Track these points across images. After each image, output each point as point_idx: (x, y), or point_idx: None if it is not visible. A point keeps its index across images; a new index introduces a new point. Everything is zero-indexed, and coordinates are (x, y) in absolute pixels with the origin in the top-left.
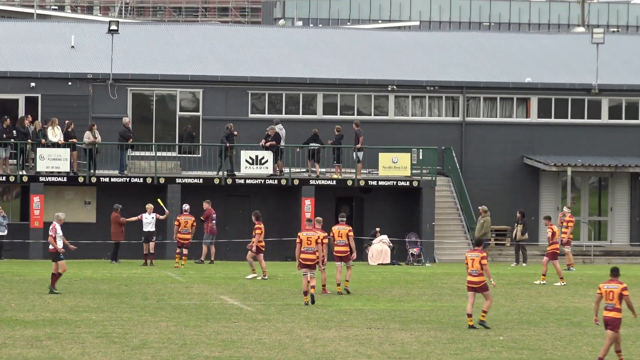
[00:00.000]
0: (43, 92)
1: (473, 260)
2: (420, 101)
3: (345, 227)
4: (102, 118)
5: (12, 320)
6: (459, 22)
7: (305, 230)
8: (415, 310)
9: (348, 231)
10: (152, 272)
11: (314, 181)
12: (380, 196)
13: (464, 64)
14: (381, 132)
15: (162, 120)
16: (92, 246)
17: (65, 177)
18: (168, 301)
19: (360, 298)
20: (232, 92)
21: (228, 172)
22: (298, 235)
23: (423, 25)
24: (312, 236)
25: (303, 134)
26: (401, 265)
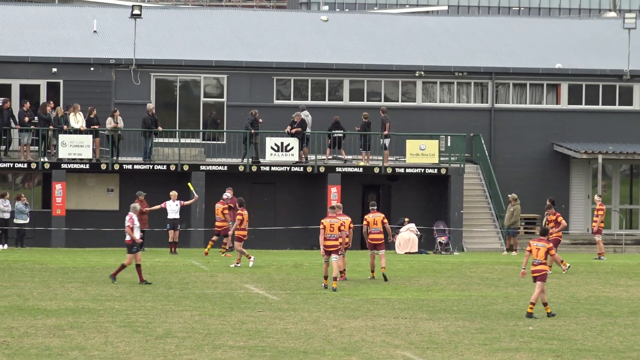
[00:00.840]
0: (65, 77)
1: (539, 249)
2: (449, 87)
3: (379, 214)
4: (125, 104)
5: (34, 309)
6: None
7: (329, 217)
8: (443, 299)
9: (382, 218)
10: (176, 261)
11: (340, 168)
12: (407, 184)
13: (493, 50)
14: (409, 118)
15: (186, 107)
16: (114, 234)
17: (87, 164)
18: (192, 290)
19: (387, 287)
20: (257, 78)
21: (253, 159)
22: (322, 222)
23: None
24: (335, 223)
25: (329, 120)
26: (429, 254)
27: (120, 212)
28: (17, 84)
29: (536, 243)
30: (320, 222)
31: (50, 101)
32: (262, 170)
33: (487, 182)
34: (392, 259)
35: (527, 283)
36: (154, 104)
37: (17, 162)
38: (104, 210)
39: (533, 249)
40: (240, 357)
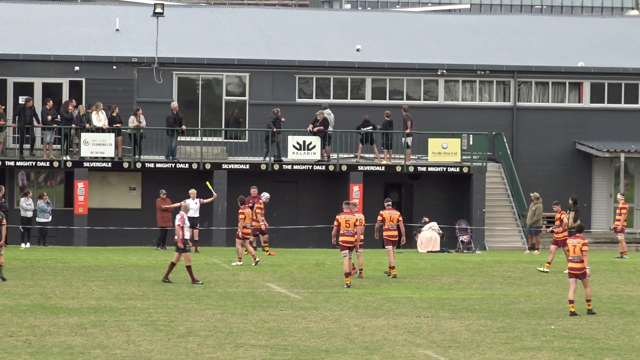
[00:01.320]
0: (87, 76)
1: (575, 246)
2: (471, 86)
3: (395, 212)
4: (147, 102)
5: (56, 308)
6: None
7: (344, 214)
8: (465, 298)
9: (399, 216)
10: (198, 259)
11: (362, 167)
12: (429, 182)
13: (515, 48)
14: (431, 117)
15: (208, 105)
16: (137, 233)
17: (109, 163)
18: (214, 289)
19: (409, 286)
20: (279, 76)
21: (275, 157)
22: (336, 219)
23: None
24: (351, 219)
25: (351, 119)
26: (451, 252)
27: (143, 210)
28: (40, 82)
29: (572, 241)
30: (335, 219)
31: (72, 100)
32: (284, 169)
33: (509, 181)
34: (414, 257)
35: (549, 282)
36: (177, 103)
37: (39, 161)
38: (126, 208)
39: (570, 247)
40: (262, 356)
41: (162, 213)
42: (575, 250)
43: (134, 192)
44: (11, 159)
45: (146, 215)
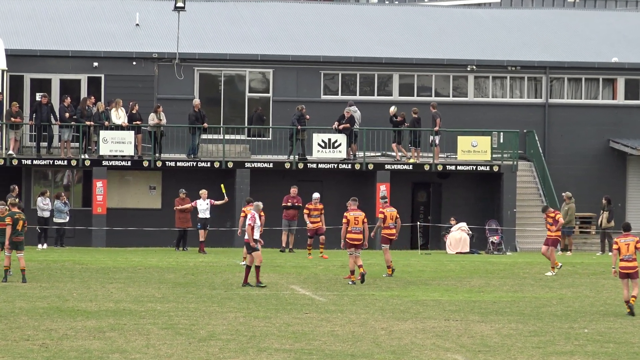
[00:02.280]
0: (106, 72)
1: (628, 245)
2: (501, 82)
3: (393, 209)
4: (168, 99)
5: (74, 311)
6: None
7: (352, 211)
8: (496, 301)
9: (397, 213)
10: (220, 261)
11: (389, 166)
12: (458, 181)
13: (547, 43)
14: (460, 114)
15: (231, 102)
16: (157, 233)
17: (129, 161)
18: (236, 291)
19: (438, 288)
20: (303, 72)
21: (299, 156)
22: (345, 216)
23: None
24: (359, 216)
25: (378, 115)
26: (481, 254)
27: (163, 210)
28: (57, 78)
29: (623, 239)
30: (344, 216)
31: (91, 96)
32: (308, 168)
33: (541, 180)
34: (442, 259)
35: (582, 284)
36: (199, 100)
37: (57, 159)
38: (146, 208)
39: (621, 246)
40: None
41: (180, 213)
42: (629, 249)
43: (154, 192)
44: (28, 157)
45: (166, 215)
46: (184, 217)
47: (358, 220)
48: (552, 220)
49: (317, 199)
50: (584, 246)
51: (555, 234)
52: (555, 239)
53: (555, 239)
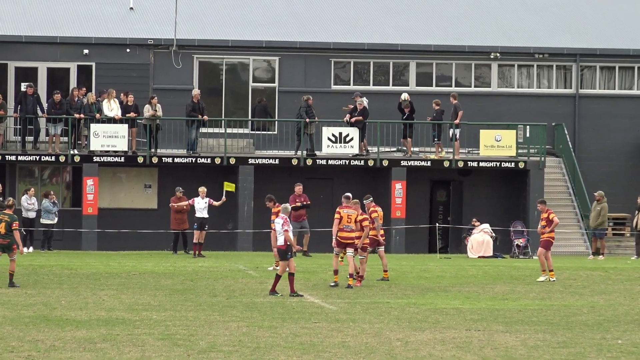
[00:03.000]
0: (97, 59)
1: None
2: (528, 71)
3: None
4: (165, 90)
5: (62, 320)
6: None
7: (346, 207)
8: (522, 309)
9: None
10: (221, 266)
11: (405, 162)
12: (481, 179)
13: (577, 29)
14: (482, 105)
15: (233, 92)
16: (153, 236)
17: (122, 157)
18: (239, 298)
19: (458, 295)
20: (312, 60)
21: (308, 151)
22: (337, 212)
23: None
24: (352, 214)
25: (393, 107)
26: (505, 258)
27: (159, 210)
28: (45, 67)
29: None
30: (336, 212)
31: (81, 87)
32: (318, 164)
33: (571, 178)
34: (463, 263)
35: (615, 291)
36: (198, 90)
37: (44, 155)
38: (141, 209)
39: None
40: None
41: (176, 214)
42: None
43: (150, 190)
44: (12, 152)
45: (163, 216)
46: (180, 218)
47: (351, 218)
48: (545, 222)
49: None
50: (617, 250)
51: (548, 236)
52: (547, 240)
53: (547, 241)
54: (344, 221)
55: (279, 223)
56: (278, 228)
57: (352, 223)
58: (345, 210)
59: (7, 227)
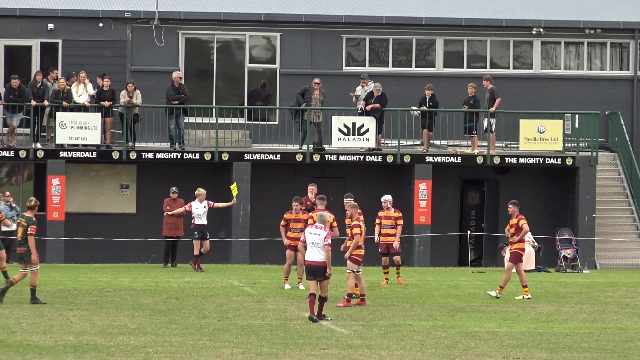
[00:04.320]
0: (65, 36)
1: None
2: (577, 49)
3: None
4: (145, 72)
5: (22, 346)
6: None
7: (320, 211)
8: (569, 333)
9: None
10: (212, 281)
11: (431, 158)
12: (520, 178)
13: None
14: (523, 91)
15: (226, 75)
16: (131, 245)
17: (94, 152)
18: (233, 320)
19: (494, 316)
20: (320, 37)
21: (315, 145)
22: (311, 216)
23: None
24: None
25: (417, 92)
26: (550, 272)
27: (138, 215)
28: (1, 45)
29: None
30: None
31: (52, 69)
32: (327, 161)
33: (628, 177)
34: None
35: None
36: (182, 72)
37: (0, 150)
38: (117, 213)
39: None
40: None
41: (169, 218)
42: None
43: (127, 192)
44: None
45: (143, 222)
46: (174, 224)
47: None
48: (514, 229)
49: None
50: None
51: (517, 247)
52: (517, 253)
53: (517, 253)
54: None
55: (318, 235)
56: (316, 240)
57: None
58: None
59: (25, 233)
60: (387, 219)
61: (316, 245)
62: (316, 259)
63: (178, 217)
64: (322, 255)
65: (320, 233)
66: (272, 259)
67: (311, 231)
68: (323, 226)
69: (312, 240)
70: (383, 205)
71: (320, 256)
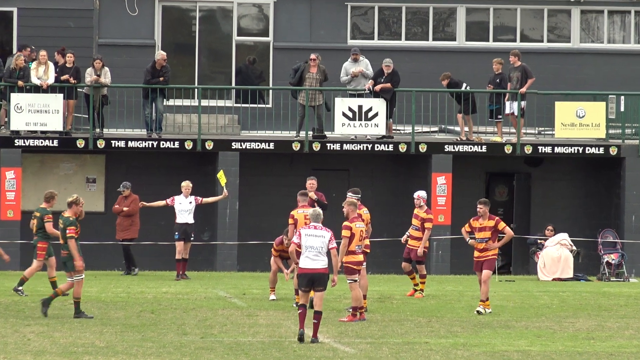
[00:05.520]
0: (20, 4)
1: None
2: (622, 19)
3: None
4: (115, 46)
5: None
6: None
7: (302, 208)
8: (614, 352)
9: None
10: (194, 291)
11: (450, 147)
12: (556, 171)
13: None
14: (559, 68)
15: (210, 50)
16: (98, 249)
17: (56, 140)
18: (219, 337)
19: (526, 333)
20: (321, 5)
21: (315, 132)
22: (291, 215)
23: None
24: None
25: (435, 70)
26: (590, 280)
27: (107, 214)
28: None
29: None
30: (290, 216)
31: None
32: (328, 150)
33: None
34: (532, 288)
35: None
36: (159, 46)
37: None
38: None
39: None
40: None
41: (122, 219)
42: None
43: (94, 186)
44: None
45: (113, 222)
46: (121, 224)
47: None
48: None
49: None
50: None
51: (494, 253)
52: (493, 260)
53: (494, 261)
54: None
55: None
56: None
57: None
58: (301, 211)
59: (63, 234)
60: (415, 218)
61: (317, 249)
62: (317, 266)
63: (132, 216)
64: (323, 261)
65: (324, 235)
66: (264, 266)
67: (310, 233)
68: (322, 226)
69: (313, 244)
70: (415, 203)
71: (321, 262)
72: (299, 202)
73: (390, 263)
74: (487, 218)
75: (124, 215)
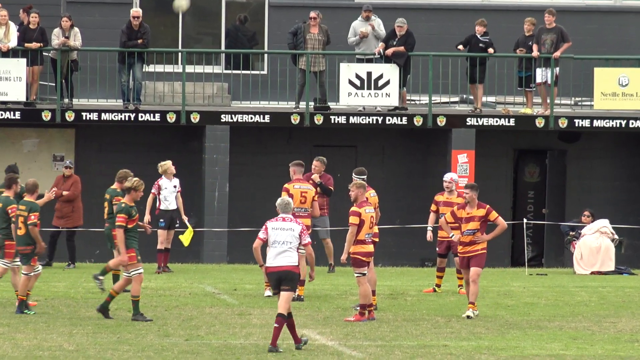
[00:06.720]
0: None
1: None
2: None
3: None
4: (86, 4)
5: None
6: None
7: (298, 182)
8: None
9: None
10: (177, 286)
11: (472, 120)
12: (595, 148)
13: None
14: (598, 29)
15: (197, 8)
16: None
17: (17, 112)
18: (206, 339)
19: (559, 334)
20: None
21: (316, 102)
22: (285, 188)
23: None
24: (308, 191)
25: (454, 33)
26: (635, 274)
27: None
28: None
29: None
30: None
31: None
32: (333, 124)
33: None
34: (567, 283)
35: None
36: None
37: None
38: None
39: None
40: None
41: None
42: None
43: (63, 165)
44: None
45: (84, 207)
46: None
47: (305, 197)
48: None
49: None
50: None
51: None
52: (483, 255)
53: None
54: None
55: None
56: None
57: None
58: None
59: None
60: (448, 205)
61: (287, 244)
62: (285, 263)
63: (73, 202)
64: (293, 257)
65: (293, 227)
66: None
67: (277, 226)
68: (292, 217)
69: (283, 239)
70: (446, 187)
71: (290, 259)
72: (293, 174)
73: (402, 254)
74: (476, 206)
75: (63, 200)
